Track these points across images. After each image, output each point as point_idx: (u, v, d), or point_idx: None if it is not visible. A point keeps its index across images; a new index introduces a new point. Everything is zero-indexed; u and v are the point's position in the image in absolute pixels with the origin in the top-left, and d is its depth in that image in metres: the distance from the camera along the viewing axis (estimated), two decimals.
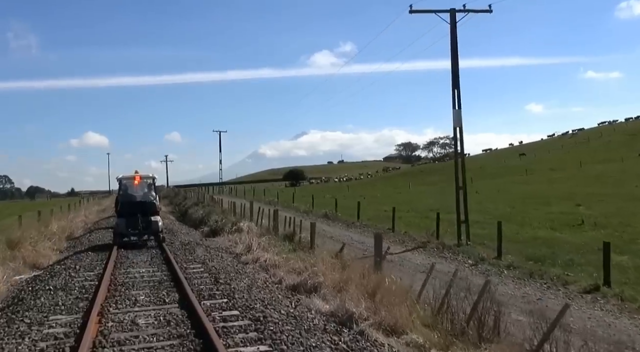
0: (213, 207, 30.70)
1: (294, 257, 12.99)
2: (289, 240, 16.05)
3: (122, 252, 14.57)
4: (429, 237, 19.62)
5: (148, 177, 17.54)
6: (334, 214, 29.05)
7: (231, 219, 24.14)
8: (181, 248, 15.09)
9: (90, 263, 12.63)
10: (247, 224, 18.99)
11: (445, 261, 16.19)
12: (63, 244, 20.07)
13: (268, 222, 19.62)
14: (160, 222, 16.93)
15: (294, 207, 35.86)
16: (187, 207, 36.62)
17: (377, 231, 22.16)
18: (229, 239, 17.39)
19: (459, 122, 18.93)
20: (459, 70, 18.94)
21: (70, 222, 27.63)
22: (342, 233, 22.18)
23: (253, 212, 22.28)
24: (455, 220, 19.65)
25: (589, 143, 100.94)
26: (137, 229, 16.11)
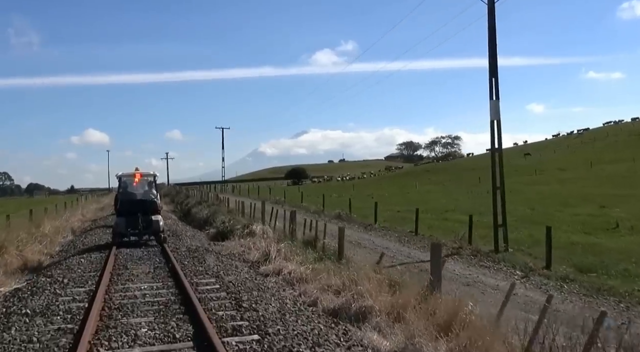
0: (218, 207, 28.59)
1: (322, 268, 10.92)
2: (310, 246, 13.97)
3: (121, 260, 12.49)
4: (460, 242, 17.58)
5: (149, 175, 16.76)
6: (348, 215, 26.96)
7: (240, 220, 22.07)
8: (188, 255, 12.99)
9: (82, 274, 10.53)
10: (261, 227, 16.90)
11: (488, 271, 14.12)
12: (55, 247, 18.00)
13: (283, 225, 17.52)
14: (161, 221, 16.04)
15: (303, 207, 33.76)
16: (190, 206, 34.50)
17: (434, 241, 20.14)
18: (241, 244, 15.29)
19: (496, 115, 16.86)
20: (497, 57, 16.88)
21: (65, 222, 25.53)
22: (361, 236, 20.11)
23: (265, 213, 20.15)
24: (482, 223, 17.77)
25: (595, 143, 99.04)
26: (137, 228, 15.34)
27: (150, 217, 15.54)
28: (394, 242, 18.95)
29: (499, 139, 17.15)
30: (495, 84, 16.79)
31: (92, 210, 38.07)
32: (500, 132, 17.08)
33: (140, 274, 10.50)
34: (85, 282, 9.73)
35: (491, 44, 16.70)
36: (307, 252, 12.80)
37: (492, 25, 16.53)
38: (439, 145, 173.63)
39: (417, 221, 21.13)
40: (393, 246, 18.19)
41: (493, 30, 16.56)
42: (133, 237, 15.63)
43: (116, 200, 17.07)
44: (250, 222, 17.67)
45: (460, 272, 13.86)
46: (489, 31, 16.61)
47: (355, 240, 18.97)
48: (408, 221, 26.03)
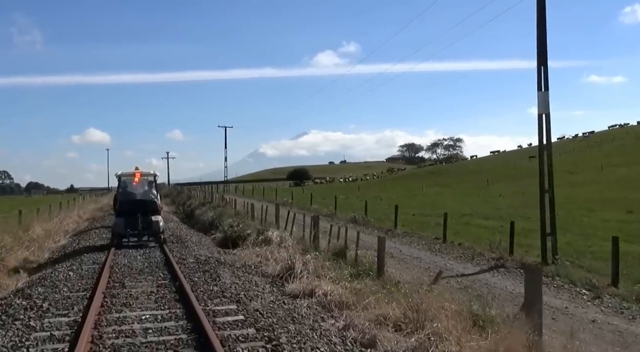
0: (224, 209, 26.43)
1: (364, 288, 8.82)
2: (339, 258, 11.82)
3: (117, 273, 10.34)
4: (500, 252, 15.48)
5: (149, 174, 16.30)
6: (365, 219, 24.80)
7: (250, 224, 19.93)
8: (197, 268, 10.83)
9: (68, 295, 8.37)
10: (277, 233, 14.74)
11: (547, 289, 11.89)
12: (44, 253, 15.83)
13: (302, 232, 15.36)
14: (161, 222, 15.55)
15: (313, 210, 31.60)
16: (193, 207, 32.34)
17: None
18: (257, 254, 13.13)
19: (545, 108, 14.71)
20: (546, 42, 14.76)
21: (59, 224, 23.36)
22: (386, 244, 17.95)
23: (279, 217, 17.96)
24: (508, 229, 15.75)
25: (602, 146, 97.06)
26: (136, 229, 14.83)
27: (150, 218, 14.98)
28: (424, 251, 16.81)
29: (548, 135, 15.01)
30: (544, 73, 14.65)
31: (89, 210, 35.87)
32: (550, 128, 14.94)
33: (140, 295, 8.34)
34: (70, 307, 7.57)
35: (540, 26, 14.57)
36: (337, 266, 10.65)
37: (542, 3, 14.41)
38: (441, 148, 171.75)
39: (445, 227, 18.97)
40: (424, 255, 16.06)
41: (542, 8, 14.45)
42: (133, 238, 15.02)
43: (115, 200, 16.52)
44: (264, 227, 15.49)
45: (515, 290, 11.72)
46: (538, 8, 14.48)
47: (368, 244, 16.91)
48: (427, 225, 23.95)
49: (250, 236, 17.65)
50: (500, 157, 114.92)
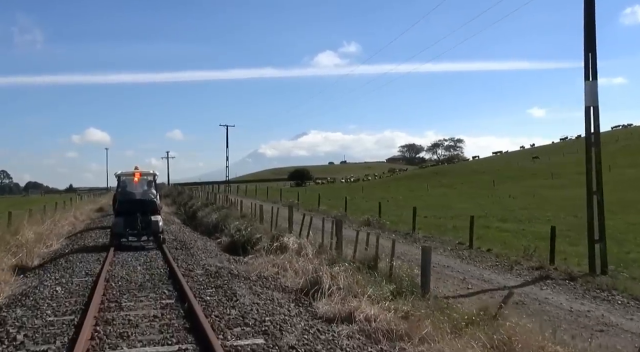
0: (229, 210, 24.76)
1: (411, 309, 7.20)
2: (370, 270, 10.17)
3: (113, 289, 8.69)
4: (540, 261, 13.85)
5: (148, 174, 16.18)
6: (379, 222, 23.12)
7: (259, 227, 18.29)
8: (209, 283, 9.14)
9: (51, 321, 6.69)
10: (294, 240, 13.07)
11: (610, 306, 10.27)
12: (33, 260, 14.14)
13: (322, 238, 13.68)
14: (160, 222, 15.34)
15: (321, 211, 29.95)
16: (196, 208, 30.66)
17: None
18: (272, 263, 11.47)
19: (593, 100, 13.07)
20: (595, 26, 13.14)
21: (53, 226, 21.64)
22: (408, 250, 16.31)
23: (292, 221, 16.27)
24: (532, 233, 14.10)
25: (607, 147, 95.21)
26: (135, 229, 14.62)
27: (150, 218, 14.76)
28: (452, 259, 15.15)
29: (597, 130, 13.39)
30: (592, 61, 13.02)
31: (86, 211, 34.17)
32: (598, 122, 13.32)
33: (140, 321, 6.67)
34: (51, 339, 5.89)
35: (588, 11, 12.95)
36: (373, 281, 8.99)
37: None
38: (442, 148, 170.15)
39: (472, 231, 17.28)
40: (455, 264, 14.39)
41: None
42: (132, 238, 14.76)
43: (115, 199, 16.29)
44: (278, 232, 13.80)
45: (572, 307, 10.06)
46: None
47: (402, 254, 15.28)
48: (444, 229, 22.34)
49: (260, 241, 16.07)
50: (503, 158, 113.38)
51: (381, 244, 14.55)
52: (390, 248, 10.81)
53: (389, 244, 16.55)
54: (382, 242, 14.57)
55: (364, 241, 12.39)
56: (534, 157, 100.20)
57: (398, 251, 16.23)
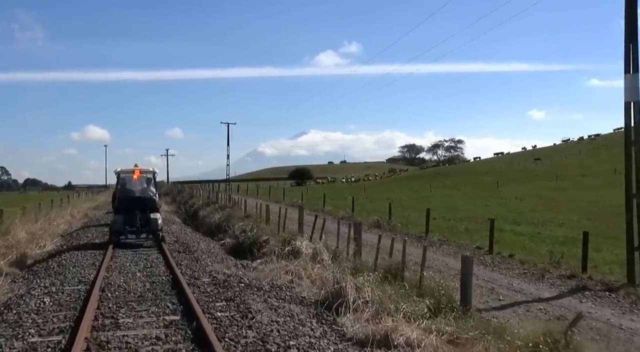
0: (232, 210, 23.63)
1: (455, 330, 6.13)
2: (394, 279, 9.06)
3: (110, 300, 7.58)
4: (572, 270, 12.77)
5: (148, 172, 16.07)
6: (390, 224, 22.01)
7: (265, 228, 17.21)
8: (217, 294, 8.02)
9: (34, 344, 5.57)
10: (307, 244, 11.95)
11: None
12: (23, 263, 12.99)
13: (337, 241, 12.57)
14: (160, 219, 15.26)
15: (327, 212, 28.84)
16: (197, 208, 29.50)
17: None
18: (285, 270, 10.37)
19: (634, 94, 11.98)
20: (637, 13, 12.04)
21: (48, 225, 20.52)
22: (429, 256, 15.17)
23: (303, 224, 15.13)
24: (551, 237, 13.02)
25: (610, 149, 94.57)
26: (135, 226, 14.52)
27: (149, 215, 14.68)
28: (475, 265, 13.93)
29: (638, 127, 12.27)
30: (633, 52, 11.91)
31: (84, 209, 32.97)
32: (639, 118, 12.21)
33: (140, 344, 5.54)
34: None
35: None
36: (405, 294, 7.89)
37: None
38: (442, 149, 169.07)
39: (492, 236, 16.16)
40: (479, 271, 13.25)
41: None
42: (131, 236, 14.60)
43: (114, 197, 16.15)
44: (290, 235, 12.66)
45: (626, 324, 8.95)
46: None
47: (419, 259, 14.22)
48: (456, 231, 21.25)
49: (267, 243, 15.00)
50: (505, 159, 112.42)
51: (399, 248, 13.50)
52: (419, 256, 9.72)
53: (410, 249, 15.53)
54: (399, 247, 13.52)
55: (385, 246, 11.27)
56: (536, 158, 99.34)
57: (414, 256, 15.22)
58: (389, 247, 11.13)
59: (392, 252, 10.34)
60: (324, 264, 10.52)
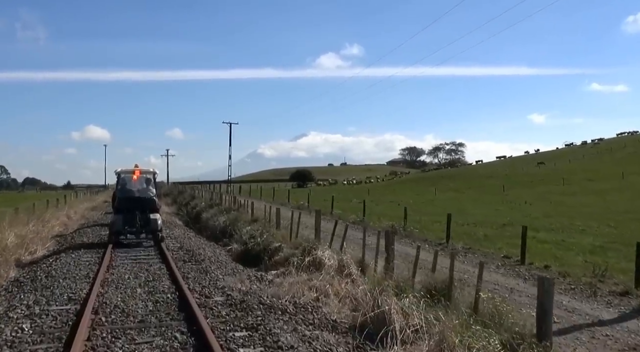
0: (238, 213, 22.19)
1: None
2: (440, 301, 7.62)
3: (103, 331, 6.12)
4: (625, 285, 11.37)
5: (148, 172, 15.97)
6: (407, 229, 20.57)
7: (276, 234, 15.75)
8: (237, 320, 6.51)
9: None
10: (329, 254, 10.50)
11: None
12: (9, 272, 11.50)
13: (363, 252, 11.10)
14: (159, 220, 15.12)
15: (336, 216, 27.37)
16: (199, 210, 28.06)
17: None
18: (308, 285, 8.90)
19: None
20: None
21: (41, 227, 19.05)
22: (457, 266, 13.72)
23: (320, 230, 13.64)
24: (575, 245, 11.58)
25: (614, 154, 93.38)
26: (134, 226, 14.48)
27: (149, 216, 14.63)
28: (513, 278, 12.57)
29: None
30: None
31: (81, 210, 31.47)
32: None
33: None
34: None
35: None
36: (463, 321, 6.45)
37: None
38: (443, 152, 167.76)
39: (524, 245, 14.67)
40: (520, 286, 11.82)
41: None
42: (130, 236, 14.54)
43: (114, 197, 16.11)
44: (310, 244, 11.15)
45: None
46: None
47: (457, 274, 12.78)
48: (474, 237, 19.78)
49: (280, 250, 13.59)
50: (507, 163, 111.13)
51: (425, 258, 12.08)
52: (423, 259, 8.26)
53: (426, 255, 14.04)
54: (425, 257, 12.10)
55: (407, 255, 9.82)
56: (539, 162, 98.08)
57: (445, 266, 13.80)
58: (415, 257, 9.69)
59: (435, 266, 8.85)
60: (353, 279, 9.08)
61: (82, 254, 12.60)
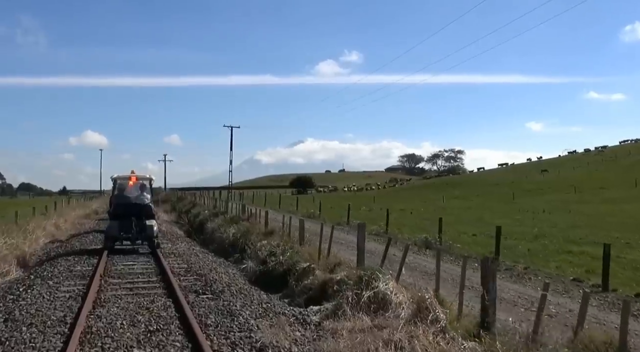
0: (249, 224, 19.35)
1: None
2: None
3: None
4: None
5: (145, 178, 16.01)
6: (445, 244, 17.71)
7: (301, 251, 12.95)
8: None
9: None
10: (393, 286, 7.68)
11: None
12: None
13: (437, 286, 8.25)
14: (155, 226, 14.84)
15: (354, 227, 24.51)
16: (203, 219, 25.17)
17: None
18: (376, 335, 6.12)
19: None
20: None
21: (22, 240, 16.12)
22: (516, 291, 10.88)
23: (364, 250, 10.70)
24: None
25: (618, 161, 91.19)
26: (130, 232, 14.26)
27: (145, 222, 14.51)
28: (613, 314, 9.75)
29: None
30: None
31: (72, 217, 28.48)
32: None
33: None
34: None
35: None
36: None
37: None
38: (442, 159, 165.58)
39: (607, 268, 11.83)
40: (604, 317, 9.00)
41: None
42: (126, 242, 14.49)
43: (110, 203, 16.21)
44: (371, 272, 8.23)
45: None
46: None
47: (511, 299, 10.05)
48: (518, 252, 17.00)
49: (311, 273, 10.91)
50: (510, 170, 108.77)
51: (504, 294, 9.34)
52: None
53: (511, 285, 11.23)
54: (470, 277, 9.30)
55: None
56: (543, 170, 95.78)
57: (508, 292, 11.09)
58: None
59: (584, 317, 5.91)
60: (442, 329, 6.28)
61: (63, 281, 9.70)
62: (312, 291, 10.27)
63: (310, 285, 10.58)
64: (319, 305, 8.59)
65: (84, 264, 11.76)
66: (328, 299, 8.89)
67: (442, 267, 14.54)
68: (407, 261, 11.02)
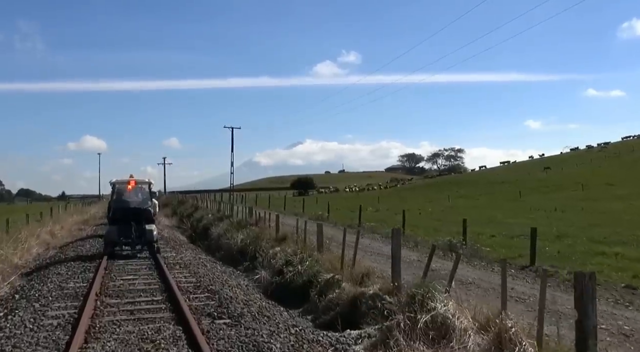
0: (258, 229, 17.89)
1: None
2: None
3: None
4: None
5: (144, 182, 15.70)
6: (474, 247, 16.21)
7: (322, 260, 11.52)
8: None
9: None
10: (453, 306, 6.27)
11: None
12: None
13: (504, 308, 6.82)
14: (155, 231, 14.68)
15: (368, 229, 23.10)
16: (207, 223, 23.70)
17: None
18: None
19: None
20: None
21: (11, 251, 14.63)
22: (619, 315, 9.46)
23: (400, 258, 9.20)
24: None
25: (621, 157, 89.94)
26: (129, 237, 14.16)
27: (144, 226, 14.28)
28: None
29: None
30: None
31: (69, 224, 26.98)
32: None
33: None
34: None
35: None
36: None
37: None
38: (442, 158, 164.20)
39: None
40: None
41: None
42: (125, 247, 14.24)
43: (109, 207, 15.84)
44: (425, 289, 6.77)
45: None
46: None
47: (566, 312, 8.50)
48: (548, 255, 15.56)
49: (337, 285, 9.56)
50: (513, 168, 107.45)
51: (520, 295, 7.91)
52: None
53: (527, 290, 9.83)
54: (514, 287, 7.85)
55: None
56: (546, 167, 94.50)
57: (563, 306, 9.55)
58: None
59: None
60: None
61: (52, 302, 8.22)
62: (339, 307, 8.86)
63: (336, 300, 9.18)
64: (356, 328, 7.16)
65: (78, 280, 10.29)
66: (362, 317, 7.47)
67: (475, 274, 13.02)
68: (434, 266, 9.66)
